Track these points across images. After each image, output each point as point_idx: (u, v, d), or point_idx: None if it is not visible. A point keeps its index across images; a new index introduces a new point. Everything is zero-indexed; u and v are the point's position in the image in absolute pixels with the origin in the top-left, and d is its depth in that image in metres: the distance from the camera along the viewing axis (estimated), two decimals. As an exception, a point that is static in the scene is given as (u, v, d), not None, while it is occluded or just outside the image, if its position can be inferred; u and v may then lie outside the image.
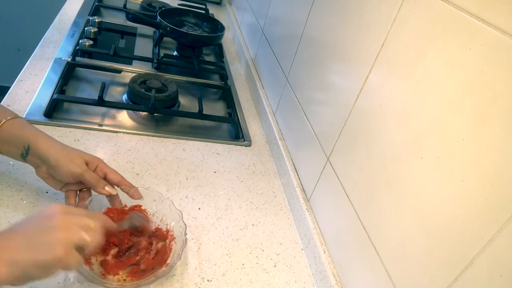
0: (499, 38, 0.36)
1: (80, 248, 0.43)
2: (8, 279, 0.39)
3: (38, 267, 0.40)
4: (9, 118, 0.56)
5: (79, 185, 0.59)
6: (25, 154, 0.56)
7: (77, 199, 0.60)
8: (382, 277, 0.50)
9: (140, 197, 0.60)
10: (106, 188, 0.58)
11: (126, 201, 0.61)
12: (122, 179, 0.60)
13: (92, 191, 0.60)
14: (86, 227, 0.45)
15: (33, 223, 0.43)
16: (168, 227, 0.61)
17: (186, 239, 0.58)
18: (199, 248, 0.63)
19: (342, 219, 0.61)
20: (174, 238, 0.59)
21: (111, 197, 0.59)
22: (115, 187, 0.60)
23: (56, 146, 0.57)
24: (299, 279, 0.63)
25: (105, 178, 0.59)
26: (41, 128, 0.75)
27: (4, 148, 0.57)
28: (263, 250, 0.66)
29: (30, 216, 0.45)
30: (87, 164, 0.58)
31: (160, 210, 0.62)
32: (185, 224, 0.59)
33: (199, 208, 0.70)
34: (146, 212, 0.61)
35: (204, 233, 0.66)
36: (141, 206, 0.61)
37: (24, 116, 0.76)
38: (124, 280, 0.53)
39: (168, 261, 0.56)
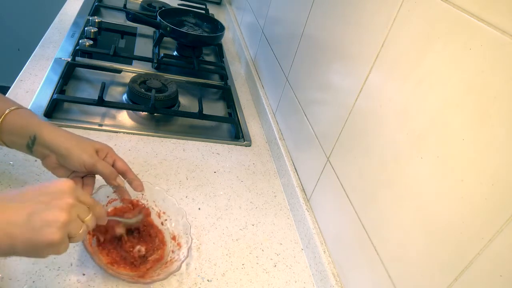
0: (499, 38, 0.36)
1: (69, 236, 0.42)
2: None
3: (29, 245, 0.38)
4: (13, 108, 0.55)
5: (86, 172, 0.58)
6: (31, 144, 0.54)
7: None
8: (382, 277, 0.50)
9: (142, 190, 0.60)
10: (117, 179, 0.58)
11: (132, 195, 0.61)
12: (129, 169, 0.60)
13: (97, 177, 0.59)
14: (84, 220, 0.44)
15: (39, 192, 0.41)
16: (172, 228, 0.62)
17: (191, 238, 0.58)
18: (199, 248, 0.63)
19: (342, 219, 0.61)
20: (176, 236, 0.60)
21: (118, 188, 0.59)
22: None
23: (64, 134, 0.56)
24: (299, 279, 0.63)
25: (112, 165, 0.59)
26: (41, 128, 0.76)
27: (9, 139, 0.55)
28: (263, 250, 0.66)
29: (38, 184, 0.42)
30: (97, 152, 0.57)
31: (162, 209, 0.63)
32: (189, 224, 0.60)
33: (199, 208, 0.70)
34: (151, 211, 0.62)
35: (204, 233, 0.66)
36: (144, 206, 0.61)
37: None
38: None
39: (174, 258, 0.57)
